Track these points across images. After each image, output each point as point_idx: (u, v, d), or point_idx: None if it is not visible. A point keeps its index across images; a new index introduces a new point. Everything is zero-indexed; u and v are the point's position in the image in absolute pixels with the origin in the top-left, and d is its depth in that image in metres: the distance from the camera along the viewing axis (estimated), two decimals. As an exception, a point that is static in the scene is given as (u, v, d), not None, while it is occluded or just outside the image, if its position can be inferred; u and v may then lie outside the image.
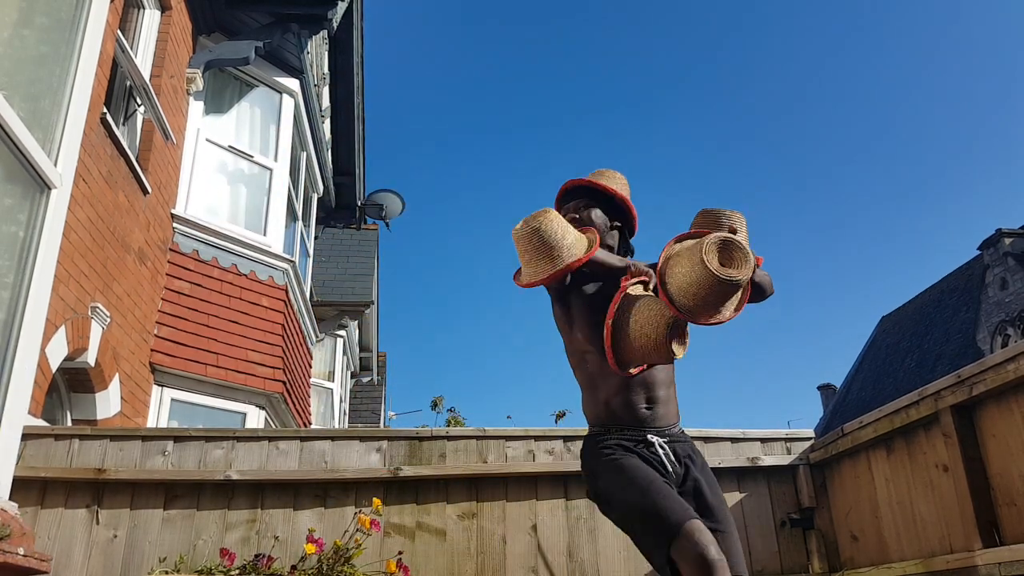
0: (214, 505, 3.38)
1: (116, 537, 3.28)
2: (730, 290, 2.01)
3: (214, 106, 6.84)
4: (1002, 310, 22.01)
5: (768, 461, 3.72)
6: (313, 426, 8.82)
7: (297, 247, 7.93)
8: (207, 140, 6.61)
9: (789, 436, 3.86)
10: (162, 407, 5.68)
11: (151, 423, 5.55)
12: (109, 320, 4.80)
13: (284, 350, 6.57)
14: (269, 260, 6.71)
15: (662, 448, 2.19)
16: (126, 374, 5.15)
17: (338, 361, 10.99)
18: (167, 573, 3.14)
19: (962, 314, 24.46)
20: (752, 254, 2.06)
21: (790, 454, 3.79)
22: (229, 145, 6.81)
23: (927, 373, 23.13)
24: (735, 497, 3.68)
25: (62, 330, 4.20)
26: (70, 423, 4.81)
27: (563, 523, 3.50)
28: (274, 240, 6.88)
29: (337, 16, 7.27)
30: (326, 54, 8.94)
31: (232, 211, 6.80)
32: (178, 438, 3.51)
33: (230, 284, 6.33)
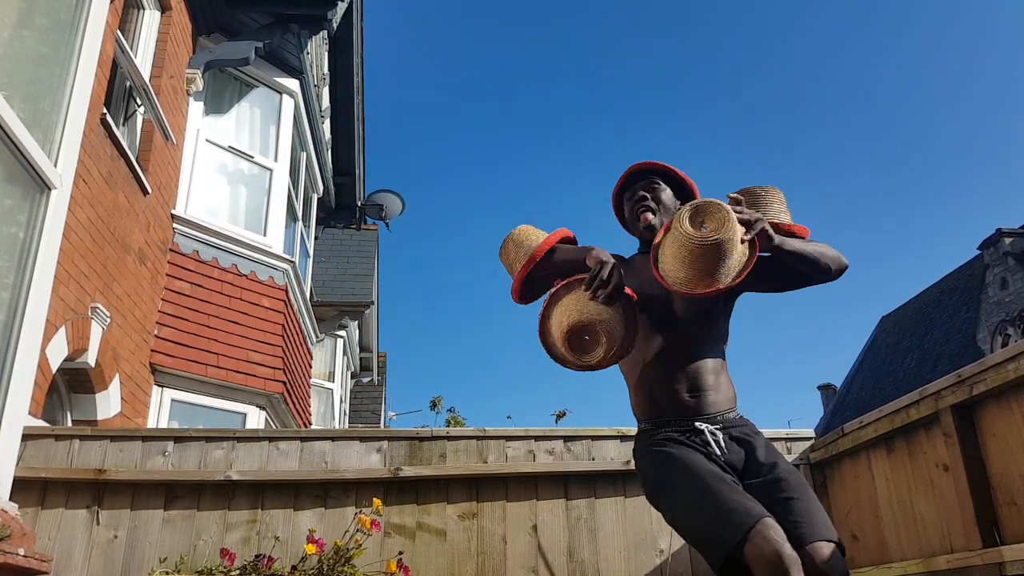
0: (214, 505, 3.38)
1: (116, 538, 3.28)
2: (709, 252, 1.93)
3: (214, 106, 6.84)
4: (1002, 310, 22.01)
5: (768, 461, 3.72)
6: (313, 426, 8.82)
7: (297, 247, 7.93)
8: (207, 140, 6.61)
9: (789, 436, 3.85)
10: (162, 407, 5.68)
11: (151, 424, 5.55)
12: (109, 320, 4.80)
13: (284, 350, 6.57)
14: (269, 260, 6.71)
15: (712, 435, 2.11)
16: (126, 375, 5.15)
17: (338, 361, 10.99)
18: (167, 573, 3.14)
19: (962, 314, 24.46)
20: (769, 221, 2.04)
21: (790, 454, 3.79)
22: (229, 145, 6.82)
23: (927, 373, 23.13)
24: (735, 497, 3.67)
25: (62, 330, 4.20)
26: (70, 424, 4.81)
27: (563, 523, 3.50)
28: (274, 240, 6.88)
29: (337, 16, 7.28)
30: (326, 54, 8.94)
31: (232, 211, 6.80)
32: (178, 438, 3.51)
33: (230, 284, 6.33)
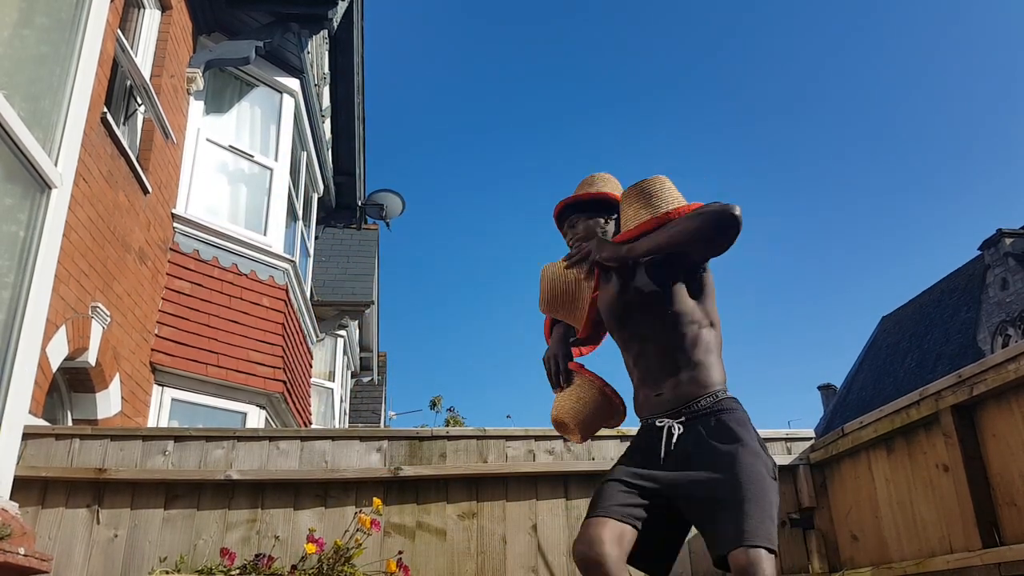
0: (214, 505, 3.38)
1: (117, 537, 3.28)
2: (566, 296, 2.47)
3: (214, 106, 6.84)
4: (1003, 310, 22.01)
5: (768, 461, 3.72)
6: (313, 426, 8.82)
7: (297, 247, 7.93)
8: (207, 140, 6.61)
9: (789, 436, 3.85)
10: (162, 407, 5.68)
11: (151, 423, 5.55)
12: (109, 320, 4.81)
13: (284, 350, 6.58)
14: (269, 260, 6.71)
15: (669, 432, 2.16)
16: (126, 374, 5.15)
17: (338, 361, 10.99)
18: (168, 573, 3.14)
19: (962, 314, 24.46)
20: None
21: (790, 454, 3.78)
22: (229, 145, 6.82)
23: (927, 373, 23.13)
24: (735, 497, 3.67)
25: (62, 330, 4.20)
26: (71, 423, 4.82)
27: (563, 523, 3.50)
28: (274, 240, 6.88)
29: (337, 16, 7.28)
30: (326, 54, 8.94)
31: (232, 211, 6.80)
32: (178, 438, 3.51)
33: (230, 284, 6.33)
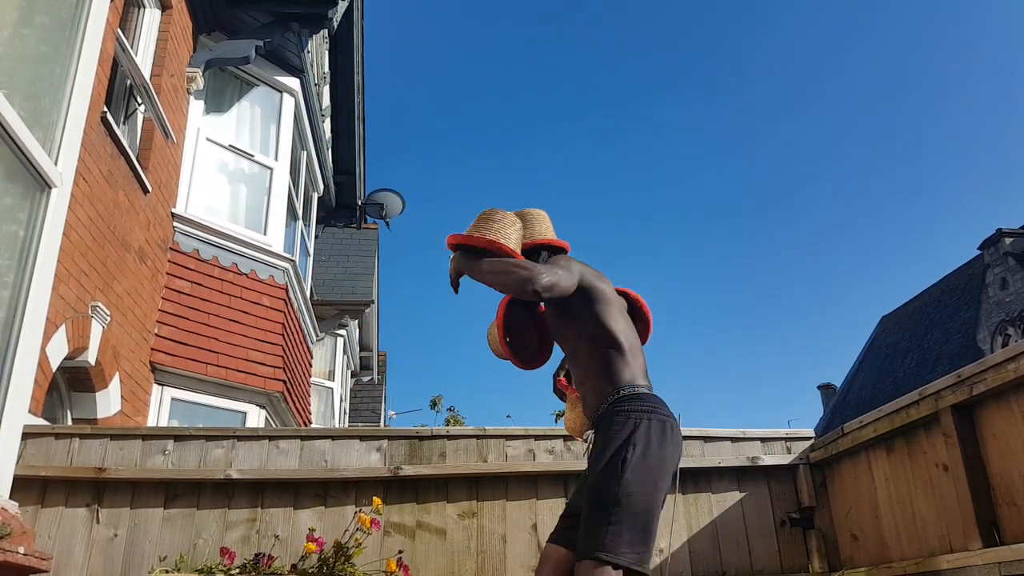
0: (214, 504, 3.38)
1: (116, 536, 3.28)
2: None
3: (214, 105, 6.84)
4: (1002, 310, 22.01)
5: (768, 460, 3.72)
6: (313, 425, 8.82)
7: (297, 246, 7.93)
8: (207, 139, 6.61)
9: (789, 435, 3.85)
10: (162, 406, 5.69)
11: (151, 422, 5.55)
12: (109, 319, 4.81)
13: (284, 349, 6.58)
14: (269, 259, 6.71)
15: (587, 442, 2.40)
16: (126, 373, 5.15)
17: (338, 360, 10.99)
18: (167, 572, 3.14)
19: (962, 314, 24.46)
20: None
21: (790, 453, 3.79)
22: (229, 144, 6.81)
23: (927, 373, 23.13)
24: (735, 497, 3.68)
25: (62, 329, 4.20)
26: (70, 422, 4.82)
27: (563, 522, 3.50)
28: (274, 239, 6.88)
29: (337, 15, 7.28)
30: (326, 53, 8.94)
31: (232, 210, 6.80)
32: (178, 437, 3.51)
33: (230, 283, 6.33)
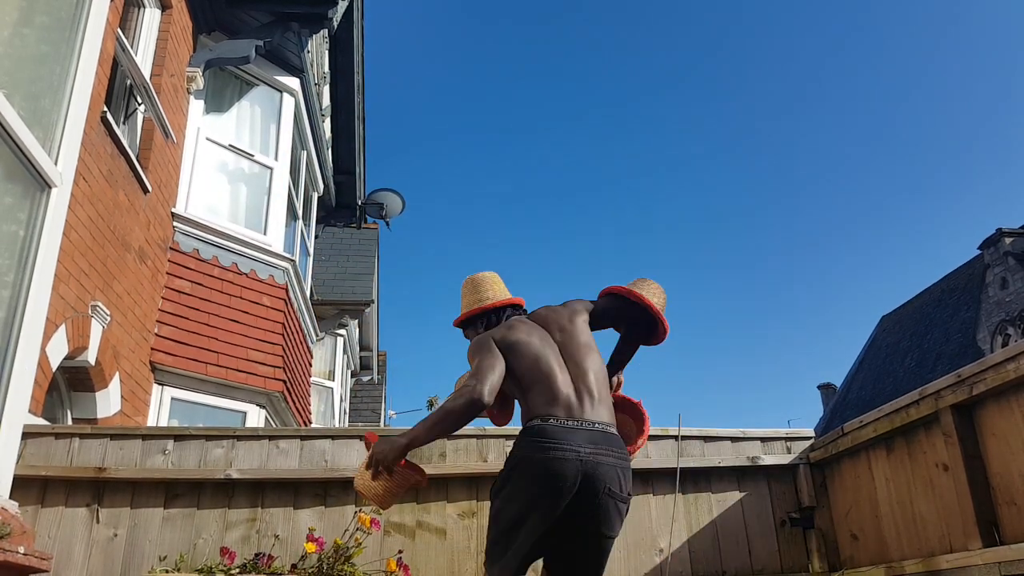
0: (214, 504, 3.38)
1: (116, 536, 3.28)
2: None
3: (214, 105, 6.84)
4: (1002, 309, 22.00)
5: (768, 460, 3.72)
6: (313, 425, 8.82)
7: (297, 246, 7.93)
8: (207, 139, 6.61)
9: (789, 435, 3.86)
10: (162, 406, 5.68)
11: (151, 422, 5.55)
12: (109, 319, 4.80)
13: (284, 349, 6.57)
14: (269, 259, 6.71)
15: None
16: (126, 373, 5.15)
17: (338, 360, 10.99)
18: (167, 572, 3.14)
19: (962, 314, 24.45)
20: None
21: (790, 453, 3.79)
22: (229, 144, 6.81)
23: (927, 373, 23.12)
24: (735, 496, 3.68)
25: (62, 329, 4.20)
26: (70, 422, 4.81)
27: (563, 522, 3.50)
28: (274, 239, 6.88)
29: (338, 15, 7.27)
30: (326, 53, 8.94)
31: (232, 210, 6.80)
32: (178, 437, 3.51)
33: (230, 283, 6.33)
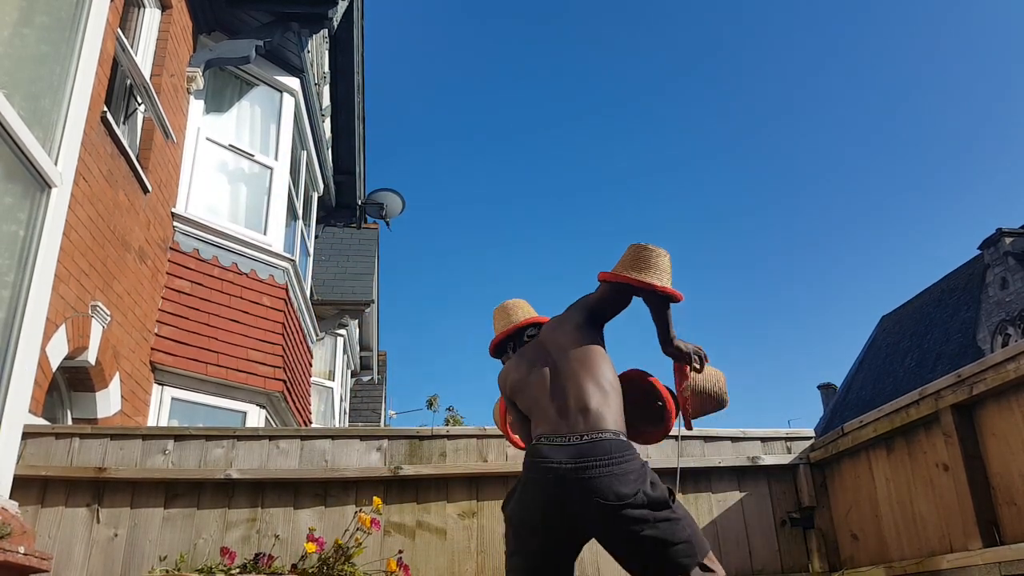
0: (214, 504, 3.38)
1: (116, 536, 3.28)
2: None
3: (214, 105, 6.84)
4: (1002, 309, 22.01)
5: (768, 460, 3.72)
6: (313, 425, 8.82)
7: (297, 246, 7.93)
8: (207, 139, 6.61)
9: (789, 435, 3.86)
10: (162, 406, 5.68)
11: (151, 422, 5.55)
12: (109, 319, 4.80)
13: (284, 349, 6.57)
14: (269, 259, 6.71)
15: None
16: (126, 373, 5.15)
17: (338, 360, 10.99)
18: (167, 572, 3.14)
19: (962, 313, 24.46)
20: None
21: (790, 453, 3.79)
22: (229, 144, 6.81)
23: (927, 373, 23.12)
24: (735, 496, 3.68)
25: (62, 329, 4.20)
26: (70, 422, 4.81)
27: (563, 522, 3.50)
28: (274, 239, 6.88)
29: (338, 15, 7.27)
30: (327, 53, 8.94)
31: (232, 210, 6.80)
32: (178, 437, 3.51)
33: (230, 283, 6.33)
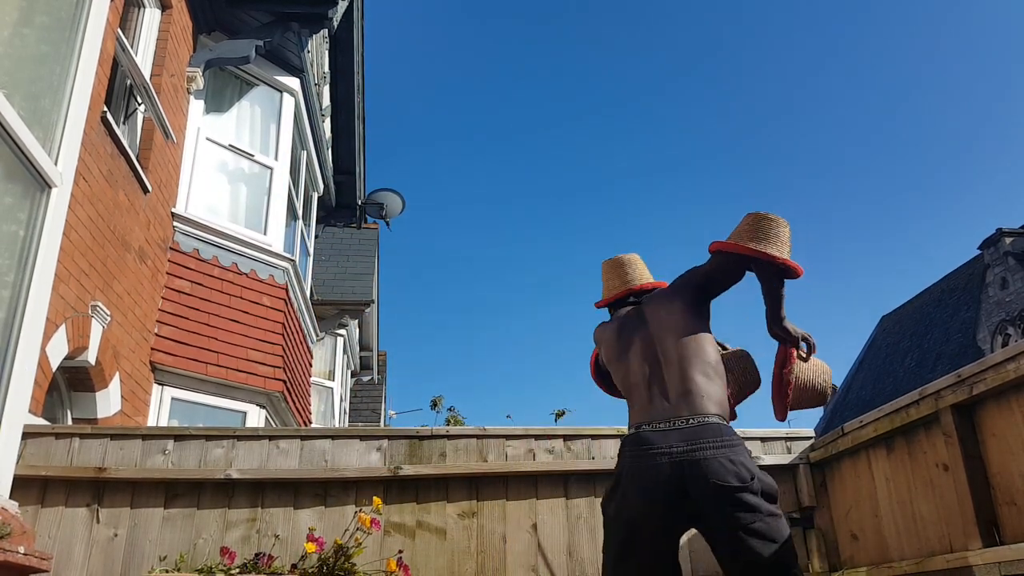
0: (214, 504, 3.38)
1: (116, 536, 3.28)
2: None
3: (214, 105, 6.84)
4: (1002, 309, 22.00)
5: (768, 460, 3.72)
6: (313, 425, 8.82)
7: (297, 246, 7.93)
8: (207, 139, 6.61)
9: (789, 435, 3.85)
10: (162, 406, 5.69)
11: (151, 422, 5.55)
12: (109, 319, 4.81)
13: (284, 349, 6.58)
14: (269, 259, 6.71)
15: None
16: (126, 373, 5.15)
17: (338, 360, 10.99)
18: (167, 572, 3.14)
19: (962, 314, 24.45)
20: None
21: (790, 453, 3.78)
22: (229, 144, 6.81)
23: (927, 373, 23.11)
24: (735, 496, 3.67)
25: (62, 329, 4.20)
26: (70, 422, 4.82)
27: (563, 522, 3.50)
28: (274, 239, 6.88)
29: (338, 15, 7.28)
30: (327, 53, 8.94)
31: (232, 210, 6.80)
32: (178, 437, 3.51)
33: (230, 283, 6.33)
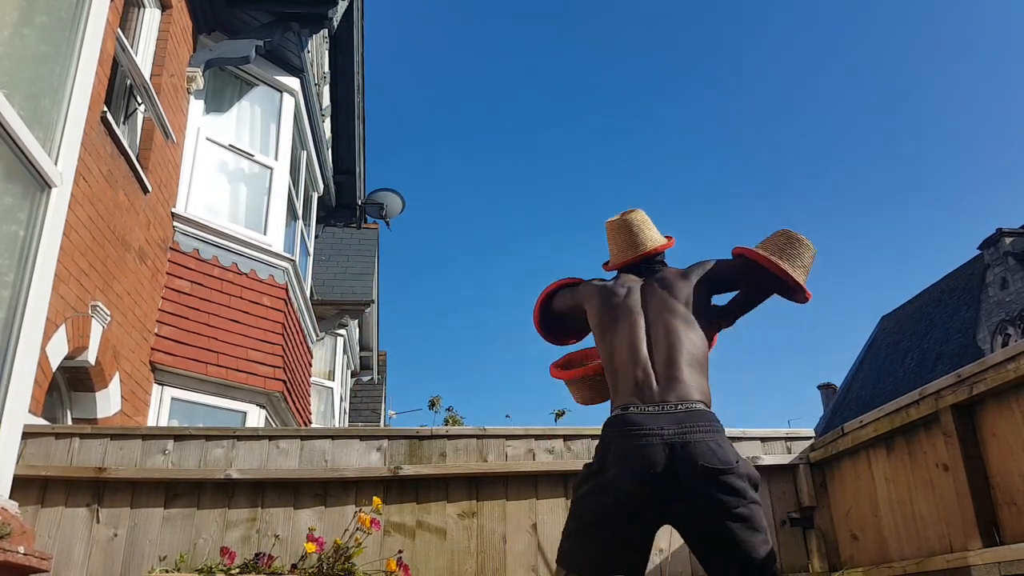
0: (214, 504, 3.38)
1: (116, 536, 3.28)
2: None
3: (214, 105, 6.84)
4: (1002, 309, 22.01)
5: (768, 460, 3.72)
6: (313, 425, 8.83)
7: (297, 246, 7.93)
8: (207, 139, 6.61)
9: (789, 435, 3.85)
10: (162, 406, 5.69)
11: (151, 422, 5.55)
12: (109, 319, 4.81)
13: (284, 349, 6.58)
14: (269, 259, 6.71)
15: None
16: (126, 373, 5.15)
17: (338, 360, 11.00)
18: (167, 572, 3.14)
19: (962, 313, 24.47)
20: None
21: (790, 453, 3.78)
22: (229, 144, 6.82)
23: (927, 372, 23.14)
24: (735, 496, 3.67)
25: (62, 329, 4.20)
26: (70, 422, 4.82)
27: (563, 522, 3.49)
28: (274, 239, 6.88)
29: (338, 15, 7.28)
30: (327, 53, 8.94)
31: (232, 210, 6.80)
32: (178, 437, 3.51)
33: (230, 283, 6.33)
